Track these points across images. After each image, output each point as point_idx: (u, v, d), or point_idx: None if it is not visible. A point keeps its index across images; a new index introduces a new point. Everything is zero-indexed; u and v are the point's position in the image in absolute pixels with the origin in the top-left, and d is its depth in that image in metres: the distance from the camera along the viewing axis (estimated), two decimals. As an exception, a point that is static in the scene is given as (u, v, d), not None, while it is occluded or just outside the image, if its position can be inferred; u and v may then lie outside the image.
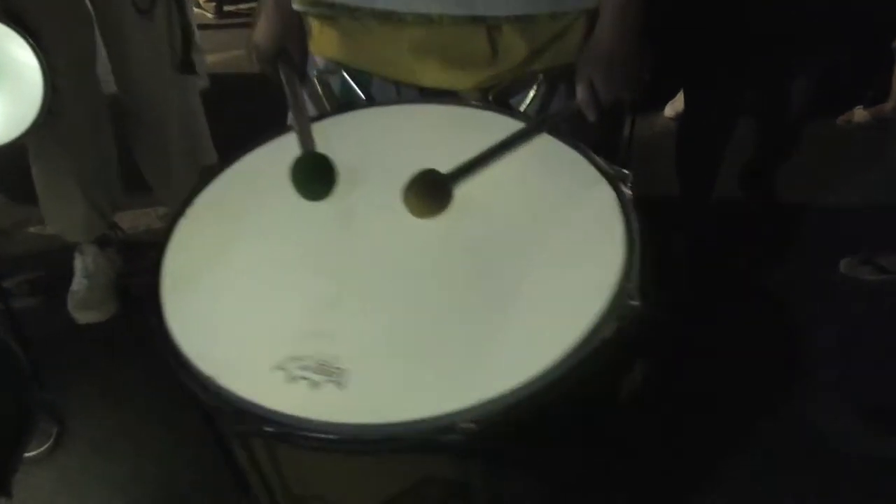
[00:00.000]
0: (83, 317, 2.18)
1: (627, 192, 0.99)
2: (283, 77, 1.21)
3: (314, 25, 1.22)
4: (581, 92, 1.10)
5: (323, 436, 0.78)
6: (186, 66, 2.07)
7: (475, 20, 1.11)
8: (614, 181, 1.01)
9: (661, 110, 3.01)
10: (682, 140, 2.34)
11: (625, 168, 2.26)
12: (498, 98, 1.17)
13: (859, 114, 2.97)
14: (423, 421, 0.76)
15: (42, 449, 1.82)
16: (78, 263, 2.25)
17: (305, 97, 1.28)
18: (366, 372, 0.82)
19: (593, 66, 1.10)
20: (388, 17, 1.12)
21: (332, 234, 1.01)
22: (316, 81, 1.25)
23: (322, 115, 1.22)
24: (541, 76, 1.17)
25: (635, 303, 0.85)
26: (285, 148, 1.12)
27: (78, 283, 2.23)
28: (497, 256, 0.95)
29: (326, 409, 0.79)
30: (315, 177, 1.04)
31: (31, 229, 2.58)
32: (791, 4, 1.91)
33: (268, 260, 1.00)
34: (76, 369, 2.01)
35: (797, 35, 2.00)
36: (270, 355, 0.85)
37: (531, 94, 1.18)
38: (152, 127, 2.16)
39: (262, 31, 1.25)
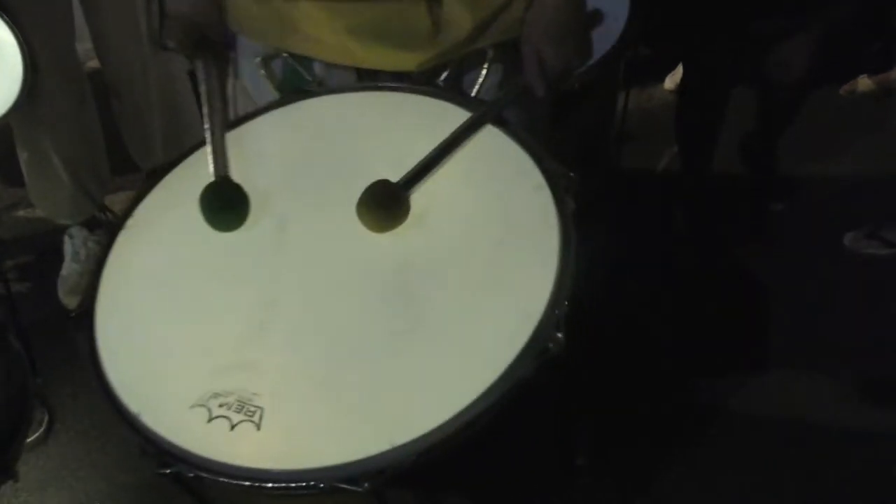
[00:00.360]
0: (73, 302, 2.15)
1: (570, 202, 0.92)
2: (200, 74, 1.14)
3: (249, 9, 1.15)
4: (528, 64, 1.05)
5: (238, 482, 0.78)
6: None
7: None
8: (557, 189, 0.94)
9: (660, 82, 2.97)
10: (683, 109, 2.30)
11: (620, 142, 2.24)
12: (448, 80, 1.10)
13: (863, 83, 2.91)
14: (332, 468, 0.76)
15: (33, 437, 1.80)
16: (67, 247, 2.23)
17: (232, 94, 1.24)
18: (283, 412, 0.82)
19: (539, 36, 1.04)
20: None
21: (266, 252, 0.98)
22: (261, 68, 1.19)
23: (259, 110, 1.17)
24: (490, 53, 1.11)
25: (559, 335, 0.81)
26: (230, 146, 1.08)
27: (68, 267, 2.20)
28: (426, 281, 0.91)
29: (243, 451, 0.79)
30: (219, 212, 1.00)
31: (21, 212, 2.55)
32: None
33: (200, 280, 0.97)
34: (66, 355, 1.98)
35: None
36: (194, 390, 0.85)
37: (483, 73, 1.12)
38: (133, 103, 2.14)
39: (178, 19, 1.17)
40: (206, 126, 1.08)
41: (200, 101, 1.11)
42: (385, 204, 0.94)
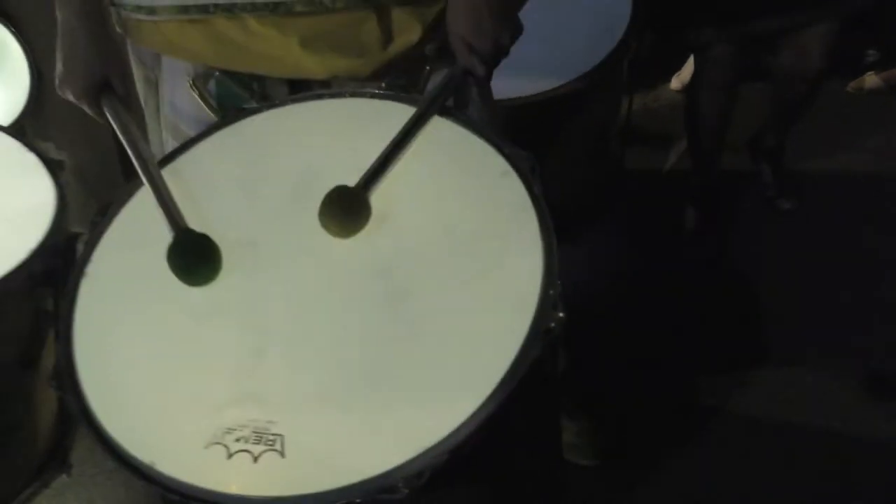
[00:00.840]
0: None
1: (538, 184, 0.91)
2: (113, 121, 1.08)
3: (181, 31, 1.10)
4: (457, 50, 1.06)
5: None
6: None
7: (364, 4, 1.05)
8: (523, 172, 0.93)
9: (667, 83, 2.97)
10: (693, 106, 2.30)
11: (626, 142, 2.24)
12: (393, 81, 1.08)
13: (870, 80, 2.90)
14: (370, 480, 0.74)
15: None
16: (79, 254, 2.23)
17: (160, 145, 1.20)
18: (304, 434, 0.80)
19: (458, 23, 1.06)
20: (274, 10, 1.04)
21: (245, 279, 0.94)
22: (193, 89, 1.14)
23: (198, 137, 1.10)
24: (433, 52, 1.10)
25: (560, 314, 0.80)
26: (175, 175, 1.03)
27: (80, 273, 2.21)
28: (414, 282, 0.89)
29: (272, 482, 0.76)
30: (193, 272, 0.92)
31: (34, 219, 2.56)
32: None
33: (181, 319, 0.92)
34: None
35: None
36: (204, 429, 0.81)
37: (427, 71, 1.11)
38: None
39: (76, 65, 1.11)
40: (144, 178, 1.01)
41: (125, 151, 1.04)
42: (343, 207, 0.92)
